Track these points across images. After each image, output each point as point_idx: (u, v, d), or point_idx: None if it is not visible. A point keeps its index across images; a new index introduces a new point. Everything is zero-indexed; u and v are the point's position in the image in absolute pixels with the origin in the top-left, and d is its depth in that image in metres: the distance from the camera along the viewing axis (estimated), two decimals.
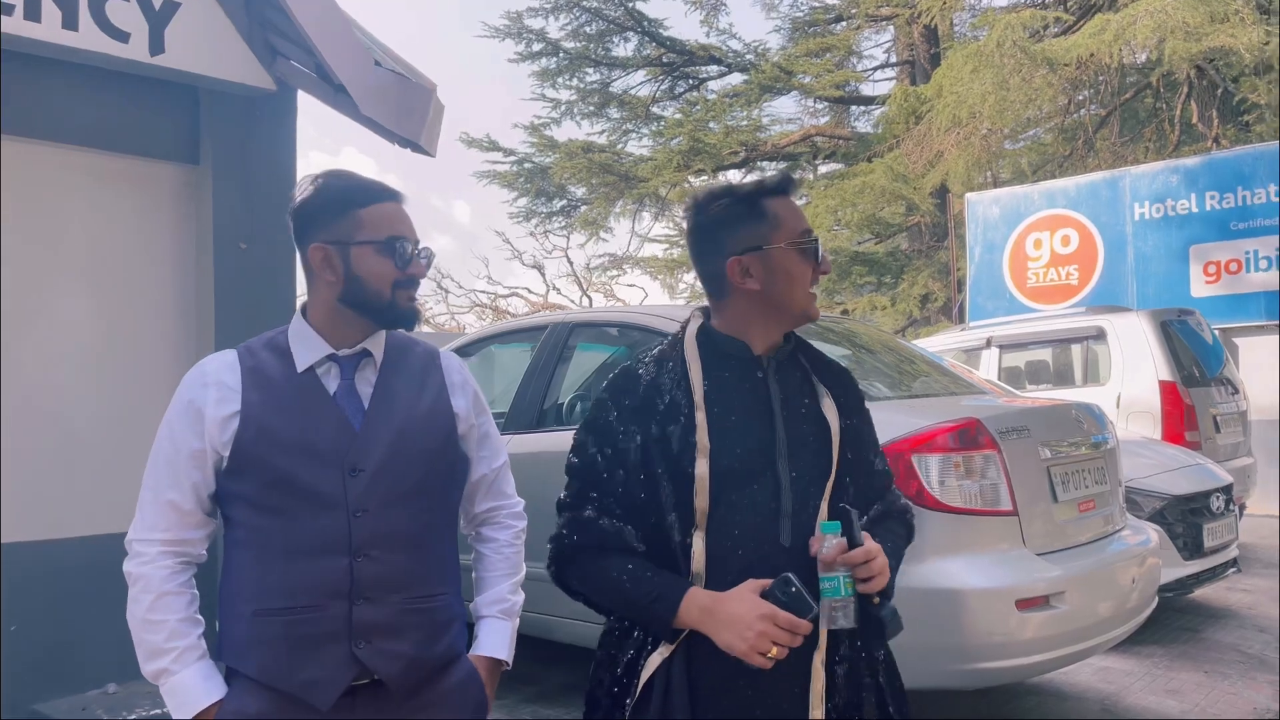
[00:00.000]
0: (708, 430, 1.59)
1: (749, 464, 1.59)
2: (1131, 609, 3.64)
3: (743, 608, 1.48)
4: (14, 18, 3.42)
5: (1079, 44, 11.36)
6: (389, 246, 1.73)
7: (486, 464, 1.92)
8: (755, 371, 1.67)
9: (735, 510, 1.57)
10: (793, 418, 1.65)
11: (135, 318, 4.09)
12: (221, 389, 1.72)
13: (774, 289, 1.65)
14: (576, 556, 1.67)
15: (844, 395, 1.72)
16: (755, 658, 1.47)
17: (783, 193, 1.69)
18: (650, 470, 1.61)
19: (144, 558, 1.69)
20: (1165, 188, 10.14)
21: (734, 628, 1.47)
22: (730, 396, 1.64)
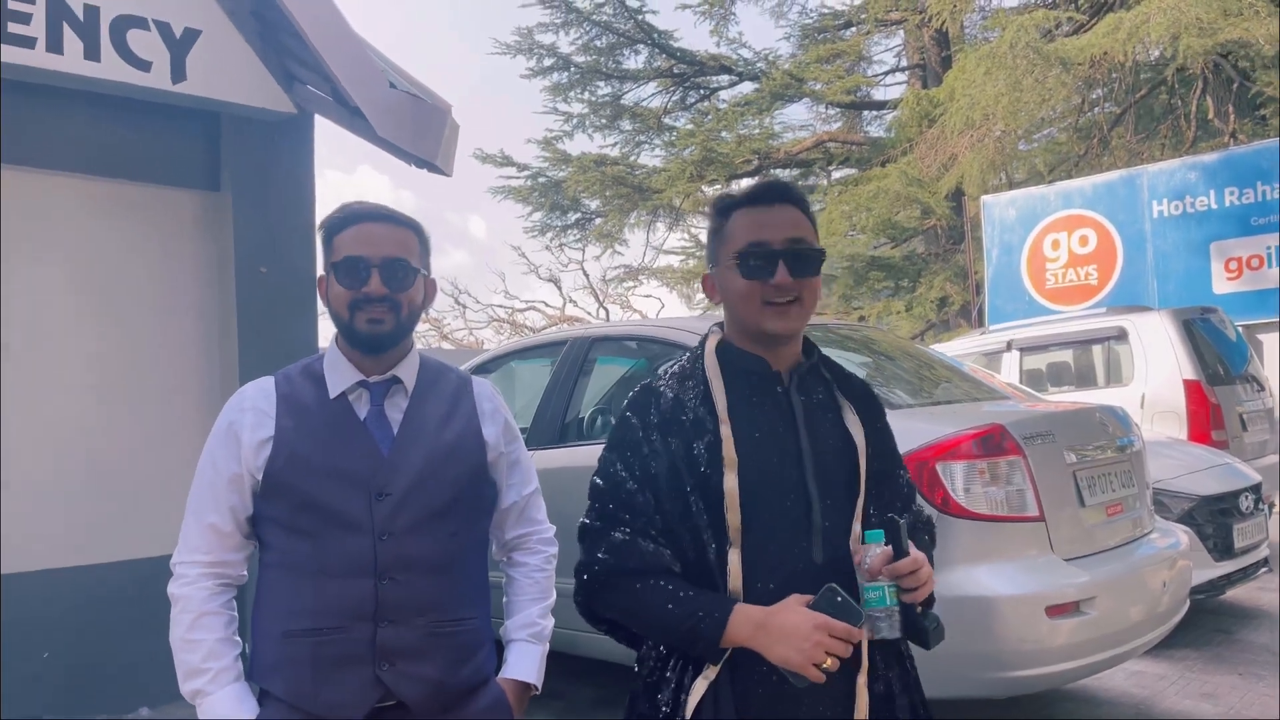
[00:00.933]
0: (734, 444, 1.58)
1: (777, 479, 1.58)
2: (1163, 613, 3.60)
3: (797, 619, 1.46)
4: (36, 50, 3.48)
5: (1092, 43, 11.31)
6: (341, 267, 1.74)
7: (517, 491, 1.93)
8: (775, 386, 1.65)
9: (768, 526, 1.56)
10: (818, 432, 1.63)
11: (160, 344, 4.14)
12: (257, 414, 1.76)
13: (729, 306, 1.65)
14: (613, 582, 1.59)
15: (865, 410, 1.71)
16: (810, 670, 1.44)
17: (749, 204, 1.64)
18: (680, 488, 1.58)
19: (185, 579, 1.73)
20: (1184, 184, 10.07)
21: (789, 640, 1.45)
22: (753, 412, 1.62)
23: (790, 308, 1.59)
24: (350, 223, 1.78)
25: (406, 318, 1.78)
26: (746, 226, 1.62)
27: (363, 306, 1.73)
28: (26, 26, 3.44)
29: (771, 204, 1.63)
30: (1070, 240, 10.82)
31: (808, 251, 1.60)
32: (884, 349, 4.53)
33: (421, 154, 4.25)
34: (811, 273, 1.60)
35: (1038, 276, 11.07)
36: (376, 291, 1.73)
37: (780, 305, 1.59)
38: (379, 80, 4.10)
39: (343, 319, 1.76)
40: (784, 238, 1.59)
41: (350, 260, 1.73)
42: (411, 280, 1.77)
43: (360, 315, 1.74)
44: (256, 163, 4.30)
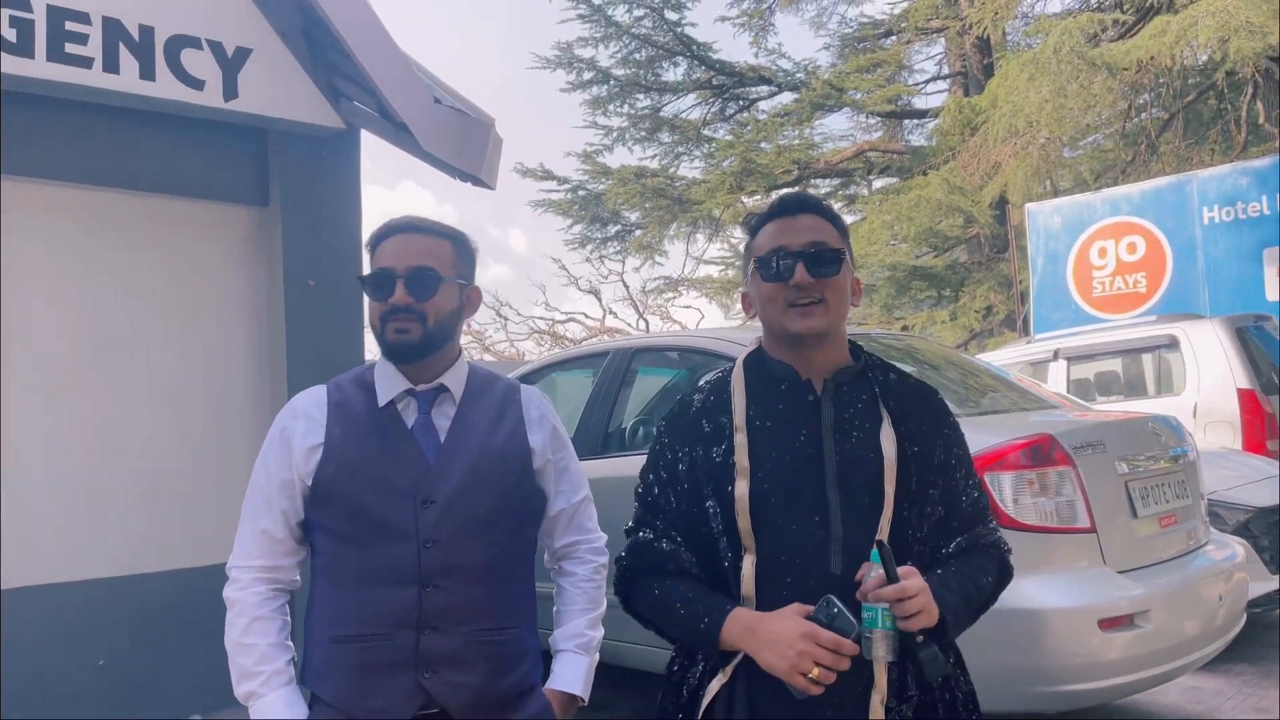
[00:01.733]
0: (748, 452, 1.60)
1: (795, 488, 1.58)
2: (1219, 627, 3.53)
3: (785, 626, 1.47)
4: (93, 70, 3.57)
5: (1138, 46, 11.16)
6: (375, 280, 1.78)
7: (565, 499, 1.94)
8: (807, 395, 1.66)
9: (784, 535, 1.56)
10: (847, 442, 1.62)
11: (212, 358, 4.21)
12: (309, 421, 1.80)
13: (760, 315, 1.69)
14: (636, 579, 1.69)
15: (914, 421, 1.66)
16: (796, 678, 1.45)
17: (773, 217, 1.69)
18: (699, 493, 1.63)
19: (240, 584, 1.77)
20: (1235, 190, 9.86)
21: (775, 646, 1.47)
22: (778, 421, 1.64)
23: (813, 308, 1.61)
24: (386, 236, 1.82)
25: (435, 326, 1.79)
26: (770, 236, 1.67)
27: (391, 317, 1.77)
28: (84, 47, 3.53)
29: (795, 214, 1.68)
30: (1118, 248, 10.63)
31: (825, 252, 1.63)
32: (928, 358, 4.49)
33: (466, 168, 4.29)
34: (831, 273, 1.63)
35: (1084, 284, 10.89)
36: (401, 301, 1.76)
37: (803, 306, 1.61)
38: (424, 96, 4.15)
39: (377, 330, 1.80)
40: (802, 241, 1.63)
41: (378, 273, 1.78)
42: (435, 288, 1.78)
43: (389, 326, 1.77)
44: (304, 178, 4.36)
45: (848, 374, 1.69)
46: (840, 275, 1.64)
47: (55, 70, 3.46)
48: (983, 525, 1.70)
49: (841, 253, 1.65)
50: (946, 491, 1.65)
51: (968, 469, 1.71)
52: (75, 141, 3.85)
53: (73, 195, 3.90)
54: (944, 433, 1.70)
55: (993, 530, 1.72)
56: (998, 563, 1.71)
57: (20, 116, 3.67)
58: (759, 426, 1.64)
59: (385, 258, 1.79)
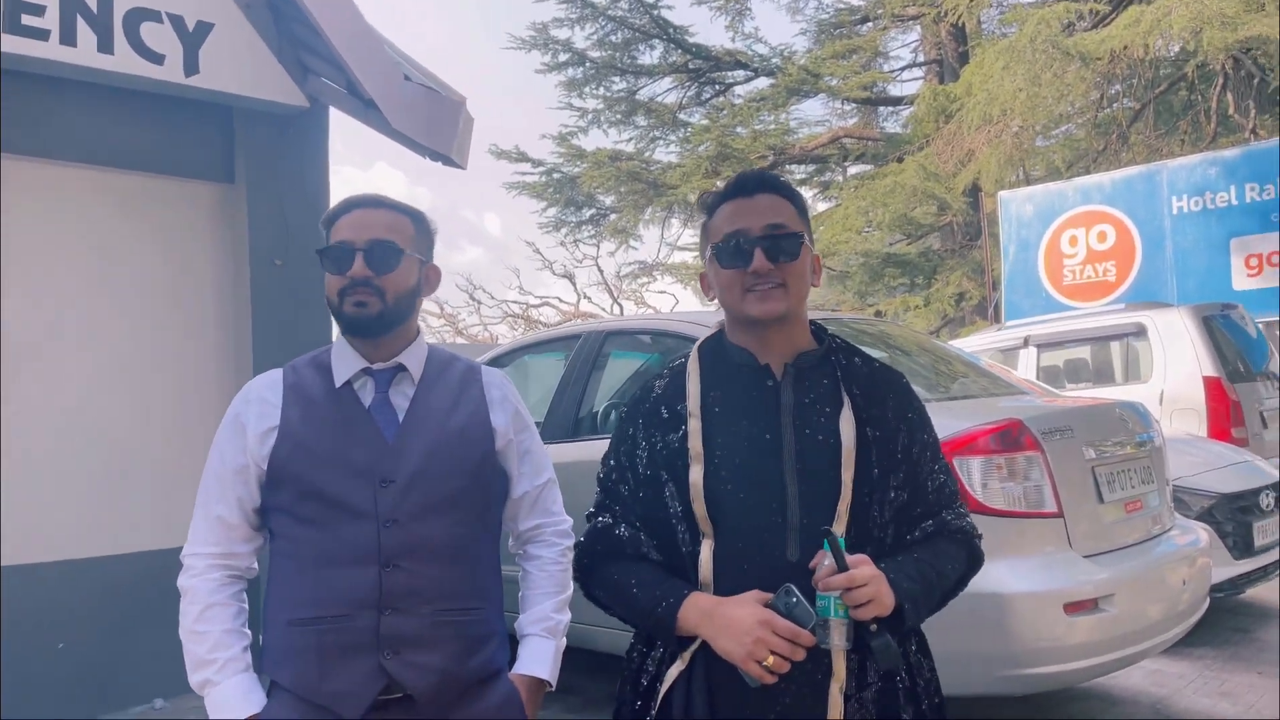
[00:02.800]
0: (702, 438, 1.58)
1: (753, 474, 1.56)
2: (1183, 611, 3.56)
3: (742, 612, 1.46)
4: (50, 42, 3.48)
5: (1112, 37, 11.22)
6: (329, 254, 1.75)
7: (529, 480, 1.91)
8: (766, 380, 1.63)
9: (741, 521, 1.54)
10: (805, 428, 1.58)
11: (175, 335, 4.15)
12: (263, 405, 1.76)
13: (720, 298, 1.66)
14: (594, 564, 1.69)
15: (877, 406, 1.62)
16: (751, 665, 1.44)
17: (730, 197, 1.64)
18: (657, 479, 1.62)
19: (194, 570, 1.74)
20: (1204, 180, 9.96)
21: (731, 632, 1.46)
22: (736, 406, 1.62)
23: (773, 292, 1.58)
24: (344, 211, 1.78)
25: (394, 302, 1.75)
26: (726, 218, 1.63)
27: (349, 291, 1.72)
28: (40, 19, 3.44)
29: (752, 194, 1.63)
30: (1088, 236, 10.72)
31: (784, 236, 1.59)
32: (900, 343, 4.49)
33: (436, 147, 4.24)
34: (790, 257, 1.59)
35: (1055, 272, 10.98)
36: (360, 274, 1.71)
37: (762, 290, 1.58)
38: (394, 73, 4.09)
39: (334, 305, 1.76)
40: (761, 225, 1.59)
41: (336, 246, 1.74)
42: (396, 262, 1.75)
43: (348, 300, 1.73)
44: (270, 155, 4.30)
45: (809, 358, 1.66)
46: (800, 259, 1.61)
47: (11, 42, 3.38)
48: (950, 510, 1.66)
49: (801, 236, 1.61)
50: (911, 477, 1.62)
51: (934, 454, 1.67)
52: (33, 115, 3.76)
53: (31, 170, 3.81)
54: (908, 418, 1.65)
55: (962, 515, 1.68)
56: (966, 549, 1.67)
57: None
58: (717, 413, 1.62)
59: (344, 231, 1.75)
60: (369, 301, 1.72)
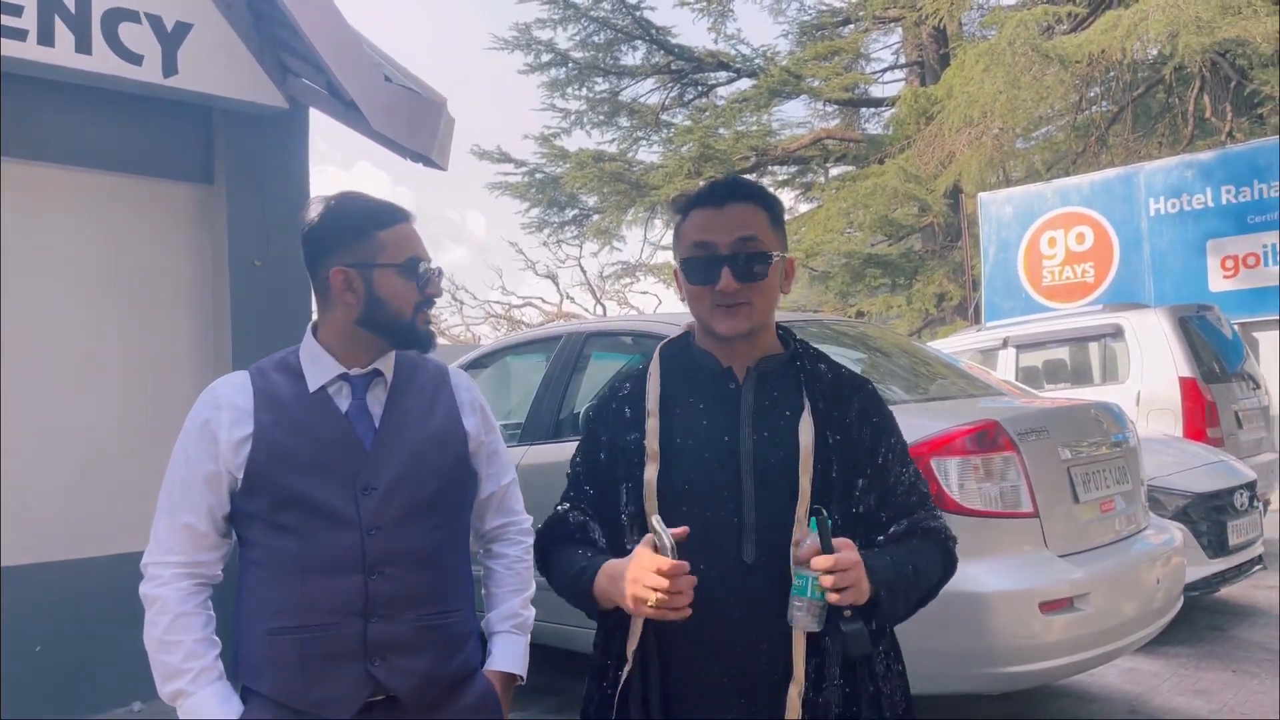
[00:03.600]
0: (659, 438, 1.59)
1: (710, 476, 1.56)
2: (1157, 609, 3.60)
3: (625, 565, 1.48)
4: (27, 42, 3.46)
5: (1090, 40, 11.32)
6: (410, 268, 1.73)
7: (495, 481, 1.92)
8: (728, 383, 1.63)
9: (694, 522, 1.52)
10: (765, 431, 1.58)
11: (153, 337, 4.12)
12: (235, 411, 1.72)
13: (688, 305, 1.66)
14: (548, 550, 1.72)
15: (840, 410, 1.61)
16: (642, 609, 1.45)
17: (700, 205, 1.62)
18: (613, 476, 1.64)
19: (160, 580, 1.69)
20: (1180, 182, 10.07)
21: (616, 586, 1.49)
22: (697, 408, 1.63)
23: (739, 309, 1.58)
24: (396, 220, 1.76)
25: None
26: (695, 227, 1.61)
27: (424, 307, 1.76)
28: (18, 19, 3.42)
29: (722, 204, 1.60)
30: (1067, 238, 10.82)
31: (753, 254, 1.57)
32: (879, 345, 4.52)
33: (416, 148, 4.24)
34: (759, 276, 1.57)
35: (1034, 273, 11.07)
36: (437, 294, 1.78)
37: (729, 307, 1.58)
38: (374, 74, 4.09)
39: (403, 317, 1.74)
40: (730, 240, 1.57)
41: (419, 262, 1.75)
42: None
43: (421, 315, 1.76)
44: (249, 156, 4.28)
45: (772, 362, 1.66)
46: (768, 278, 1.59)
47: None
48: (923, 510, 1.65)
49: (769, 255, 1.59)
50: (878, 482, 1.61)
51: (902, 457, 1.66)
52: (9, 115, 3.73)
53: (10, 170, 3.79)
54: (873, 422, 1.64)
55: (935, 516, 1.66)
56: (941, 549, 1.65)
57: None
58: (677, 414, 1.62)
59: (412, 246, 1.76)
60: (433, 320, 1.81)
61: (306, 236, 1.77)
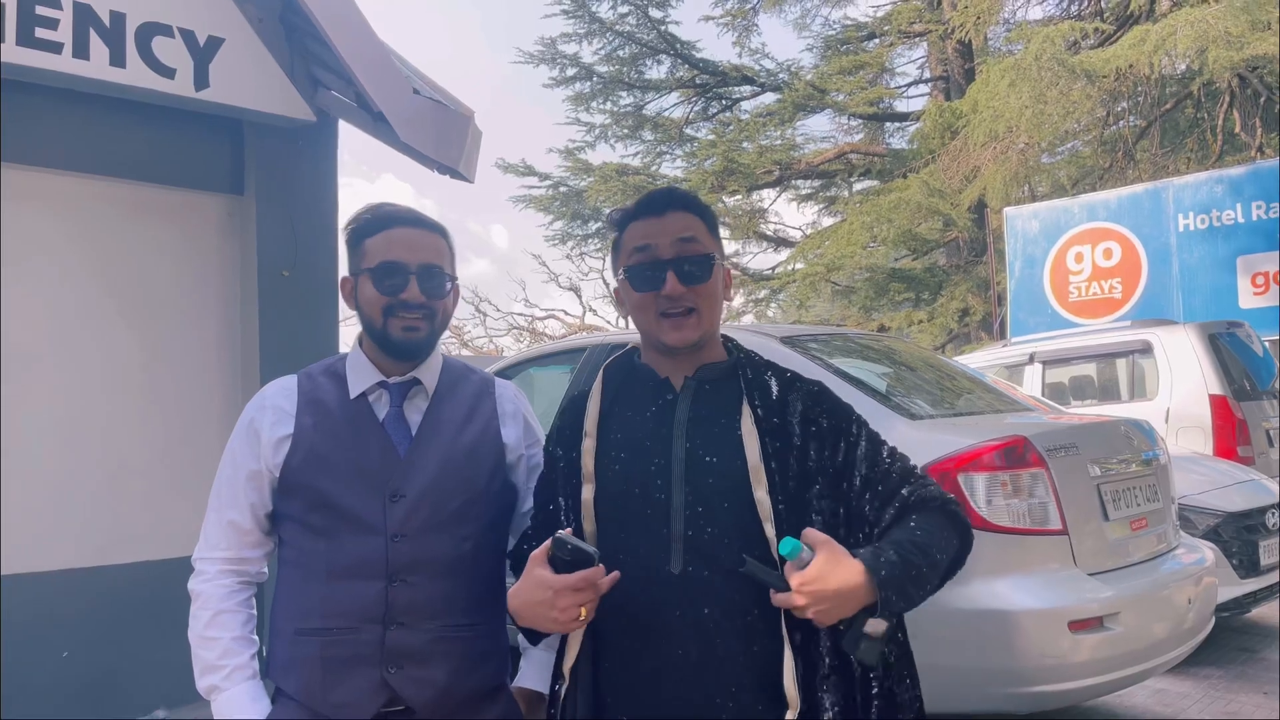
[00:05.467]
0: (595, 456, 1.59)
1: (641, 488, 1.55)
2: (1188, 630, 3.55)
3: (536, 592, 1.44)
4: (63, 55, 3.51)
5: (1118, 55, 11.26)
6: (377, 272, 1.73)
7: None
8: (666, 394, 1.62)
9: (624, 534, 1.54)
10: (700, 440, 1.55)
11: (183, 346, 4.16)
12: (278, 412, 1.77)
13: (633, 318, 1.65)
14: (514, 570, 1.72)
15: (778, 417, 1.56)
16: (573, 624, 1.45)
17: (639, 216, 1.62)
18: (554, 496, 1.66)
19: (205, 576, 1.75)
20: (1210, 198, 9.97)
21: (539, 613, 1.45)
22: (634, 422, 1.62)
23: (686, 320, 1.57)
24: (383, 226, 1.76)
25: (439, 324, 1.78)
26: (637, 237, 1.61)
27: (397, 313, 1.72)
28: (53, 32, 3.47)
29: (662, 213, 1.61)
30: (1094, 253, 10.72)
31: (696, 258, 1.57)
32: (905, 359, 4.49)
33: (444, 160, 4.26)
34: (702, 278, 1.57)
35: (1061, 289, 10.98)
36: (414, 299, 1.72)
37: (675, 317, 1.57)
38: (403, 86, 4.12)
39: (375, 325, 1.74)
40: (672, 245, 1.58)
41: (389, 265, 1.72)
42: (446, 288, 1.78)
43: (395, 322, 1.73)
44: (279, 167, 4.32)
45: (712, 371, 1.63)
46: (712, 280, 1.59)
47: (25, 55, 3.41)
48: (909, 485, 1.55)
49: (712, 257, 1.59)
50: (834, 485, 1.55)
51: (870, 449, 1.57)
52: (48, 126, 3.79)
53: (45, 180, 3.85)
54: (820, 424, 1.57)
55: (923, 485, 1.55)
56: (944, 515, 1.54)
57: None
58: (616, 430, 1.62)
59: (393, 249, 1.73)
60: (420, 326, 1.74)
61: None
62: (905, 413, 3.56)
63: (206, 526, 1.78)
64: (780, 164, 17.65)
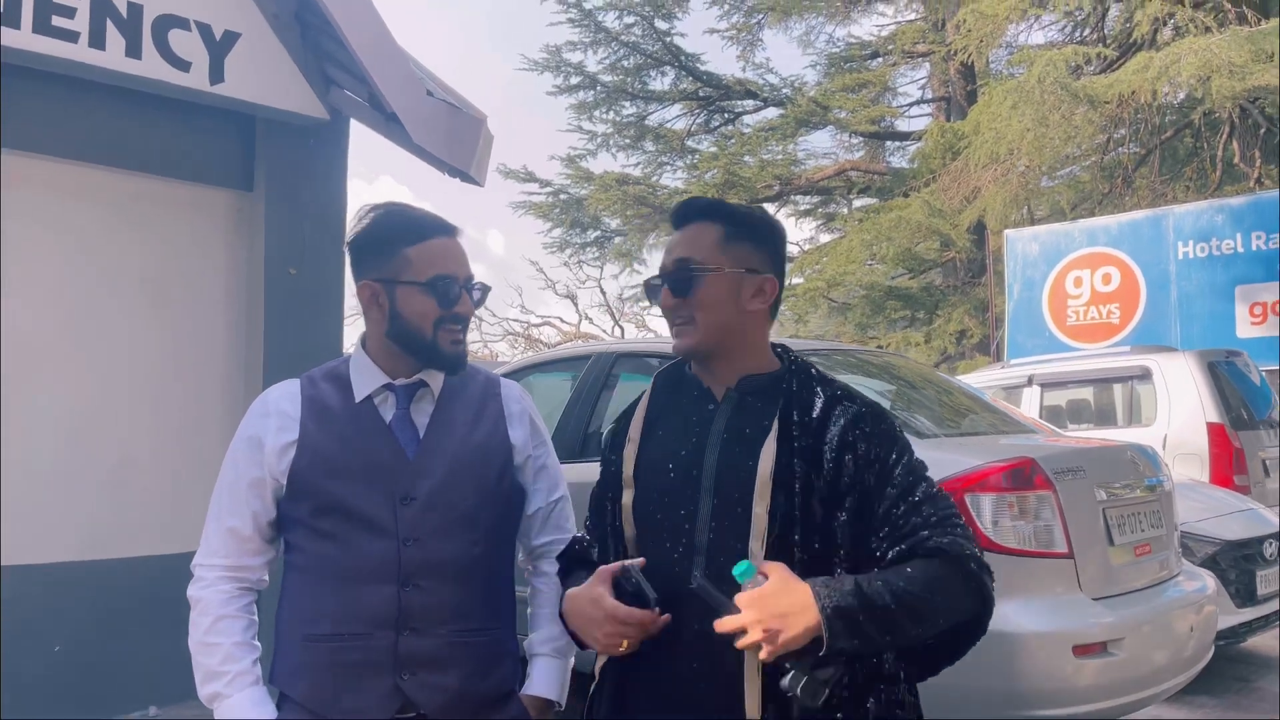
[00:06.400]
0: (635, 463, 1.62)
1: (673, 497, 1.56)
2: (1189, 658, 3.54)
3: (590, 608, 1.49)
4: (79, 44, 3.49)
5: (1121, 81, 11.30)
6: (432, 286, 1.71)
7: (543, 496, 1.90)
8: (707, 404, 1.62)
9: (657, 541, 1.55)
10: (731, 451, 1.54)
11: (187, 340, 4.14)
12: (282, 418, 1.74)
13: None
14: (563, 572, 1.75)
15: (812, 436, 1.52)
16: (613, 650, 1.49)
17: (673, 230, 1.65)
18: (604, 498, 1.69)
19: (204, 582, 1.72)
20: (1210, 227, 10.02)
21: (586, 629, 1.50)
22: (675, 430, 1.62)
23: (685, 328, 1.60)
24: (427, 234, 1.74)
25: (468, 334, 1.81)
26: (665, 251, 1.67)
27: (447, 325, 1.72)
28: (70, 20, 3.45)
29: (681, 225, 1.65)
30: (1093, 278, 10.76)
31: (684, 271, 1.58)
32: (906, 376, 4.49)
33: (456, 163, 4.26)
34: (687, 290, 1.57)
35: (1059, 313, 11.01)
36: (467, 312, 1.74)
37: (678, 325, 1.60)
38: (417, 88, 4.11)
39: (424, 336, 1.72)
40: (672, 259, 1.62)
41: (445, 280, 1.72)
42: (484, 299, 1.80)
43: (444, 335, 1.73)
44: (290, 164, 4.31)
45: (755, 382, 1.61)
46: (703, 290, 1.57)
47: (41, 43, 3.39)
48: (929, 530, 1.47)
49: (702, 269, 1.57)
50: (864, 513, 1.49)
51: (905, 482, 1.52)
52: (60, 115, 3.77)
53: (54, 169, 3.82)
54: (858, 449, 1.51)
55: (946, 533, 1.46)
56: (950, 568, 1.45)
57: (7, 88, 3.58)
58: (659, 438, 1.63)
59: (446, 262, 1.73)
60: (463, 339, 1.76)
61: (348, 247, 1.79)
62: (913, 431, 3.55)
63: (206, 533, 1.75)
64: (780, 179, 17.70)
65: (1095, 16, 14.96)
